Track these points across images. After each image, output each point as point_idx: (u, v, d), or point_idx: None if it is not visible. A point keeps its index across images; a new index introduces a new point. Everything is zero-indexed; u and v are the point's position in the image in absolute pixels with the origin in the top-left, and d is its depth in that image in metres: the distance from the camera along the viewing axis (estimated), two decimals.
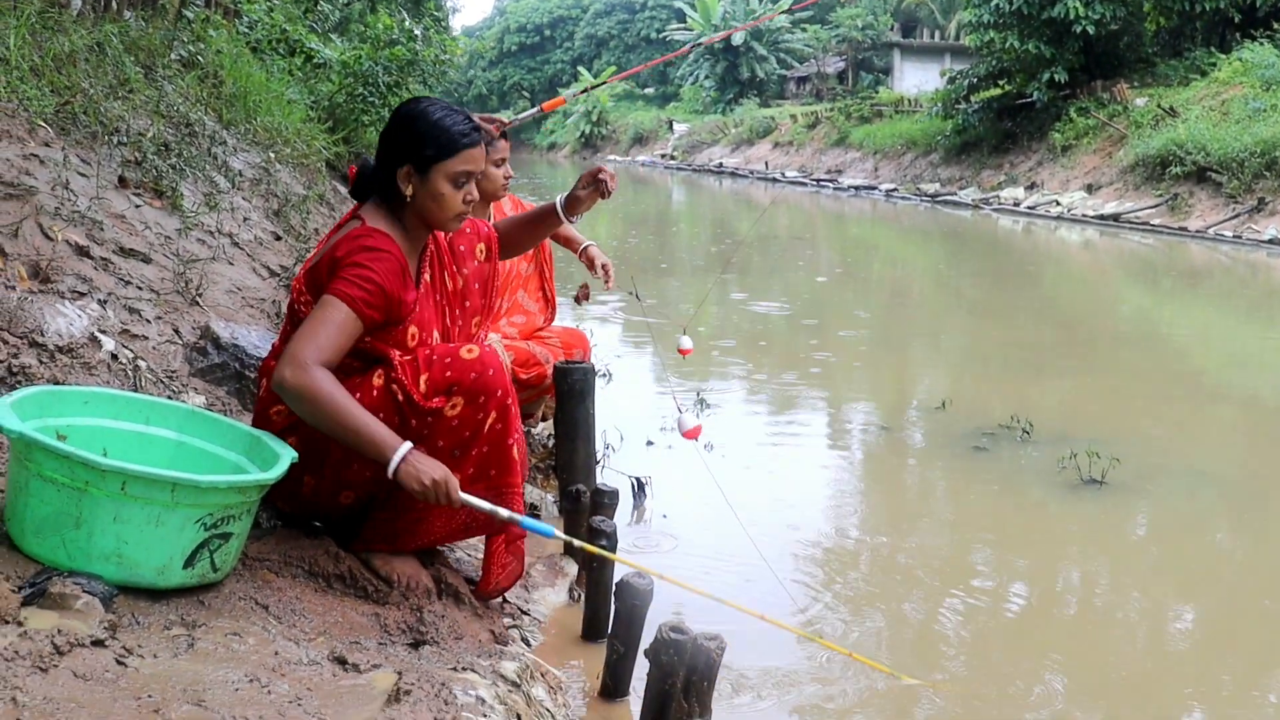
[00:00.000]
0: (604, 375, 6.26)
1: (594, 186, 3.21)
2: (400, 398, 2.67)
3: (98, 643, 2.10)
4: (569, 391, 3.84)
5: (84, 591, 2.22)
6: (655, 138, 49.46)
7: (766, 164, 35.61)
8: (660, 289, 11.26)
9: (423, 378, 2.68)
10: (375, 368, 2.75)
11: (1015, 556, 4.21)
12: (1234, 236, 17.16)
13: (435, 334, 2.89)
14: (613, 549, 3.04)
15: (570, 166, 47.84)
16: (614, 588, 2.76)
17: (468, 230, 3.08)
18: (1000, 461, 5.25)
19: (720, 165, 38.66)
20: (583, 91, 7.49)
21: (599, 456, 4.39)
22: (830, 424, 6.21)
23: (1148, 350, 9.02)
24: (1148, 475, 5.01)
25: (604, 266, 4.51)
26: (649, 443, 5.29)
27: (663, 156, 45.41)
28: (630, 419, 5.41)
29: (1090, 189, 21.54)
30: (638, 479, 4.50)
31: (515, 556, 3.00)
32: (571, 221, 3.29)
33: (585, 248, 4.59)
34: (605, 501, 3.31)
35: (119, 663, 2.07)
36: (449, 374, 2.67)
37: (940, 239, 19.37)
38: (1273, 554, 4.36)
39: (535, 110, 4.33)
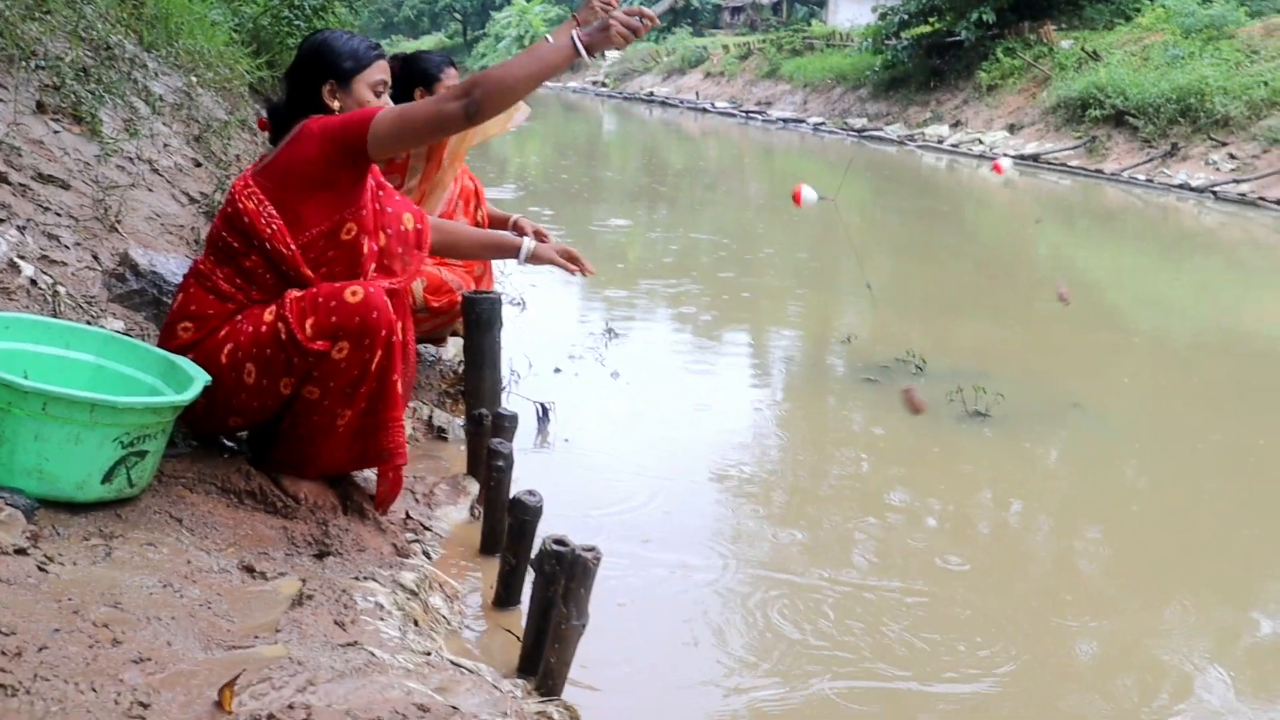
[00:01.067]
0: (518, 303, 6.44)
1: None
2: (284, 336, 2.82)
3: (20, 551, 2.27)
4: (476, 321, 4.01)
5: (6, 504, 2.39)
6: (587, 64, 49.13)
7: (697, 94, 35.57)
8: (590, 216, 11.40)
9: (308, 321, 2.82)
10: (270, 304, 2.91)
11: (899, 480, 4.48)
12: (1147, 180, 17.60)
13: (367, 244, 3.04)
14: (509, 470, 3.26)
15: None
16: (508, 504, 2.97)
17: (398, 197, 3.25)
18: (889, 394, 5.51)
19: (651, 94, 38.56)
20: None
21: (506, 383, 4.59)
22: (737, 355, 6.45)
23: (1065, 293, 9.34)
24: (1031, 409, 5.30)
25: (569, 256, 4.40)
26: (557, 370, 5.48)
27: (594, 83, 45.14)
28: (541, 346, 5.61)
29: (1012, 129, 21.90)
30: (542, 404, 4.70)
31: (398, 477, 3.18)
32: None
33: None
34: (505, 425, 3.52)
35: (41, 569, 2.24)
36: (334, 319, 2.81)
37: (866, 174, 19.64)
38: (1145, 482, 4.70)
39: None
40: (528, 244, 3.72)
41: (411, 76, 4.37)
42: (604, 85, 43.98)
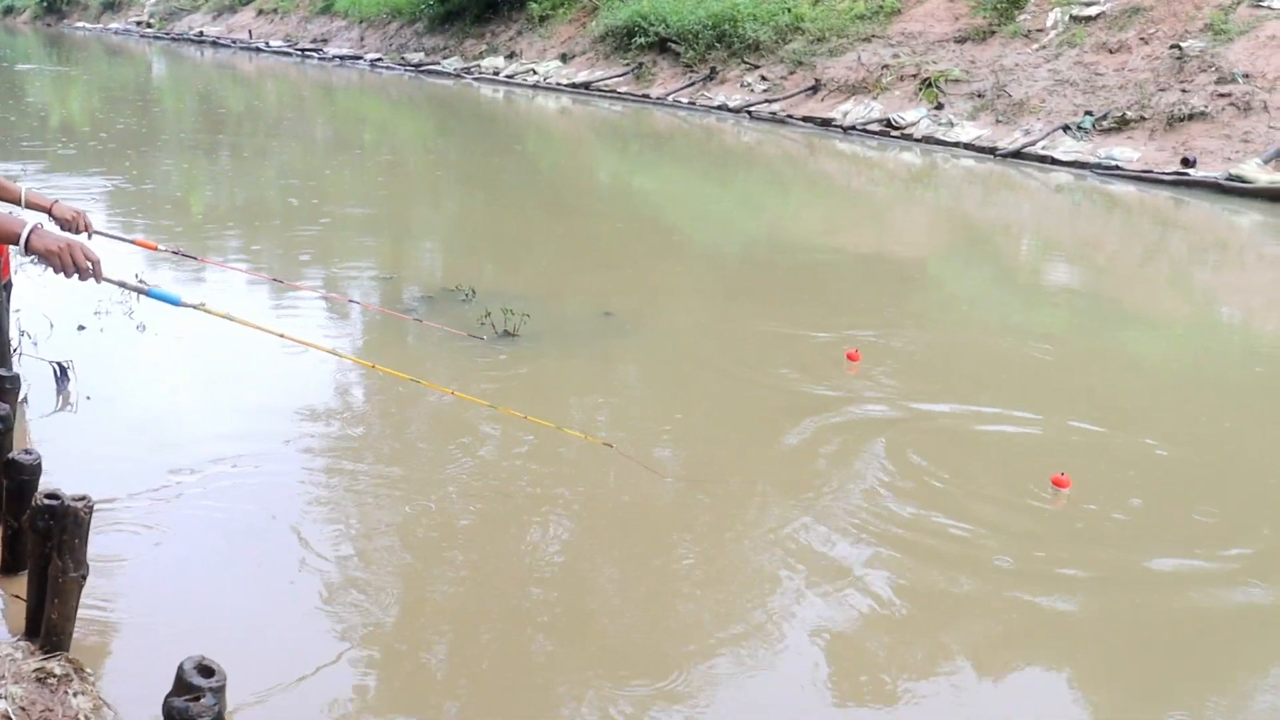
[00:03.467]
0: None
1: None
2: None
3: None
4: None
5: None
6: (129, 4, 45.77)
7: (250, 33, 34.13)
8: (148, 169, 10.74)
9: None
10: None
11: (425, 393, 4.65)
12: (690, 103, 18.70)
13: None
14: (7, 434, 3.14)
15: (33, 34, 43.47)
16: (3, 467, 2.87)
17: None
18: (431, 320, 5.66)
19: (201, 34, 36.62)
20: None
21: (16, 344, 4.36)
22: (280, 301, 6.31)
23: (620, 214, 9.84)
24: (554, 325, 5.63)
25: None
26: (80, 328, 5.23)
27: (139, 24, 42.23)
28: (65, 304, 5.32)
29: (565, 58, 22.52)
30: (60, 364, 4.46)
31: None
32: None
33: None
34: (7, 387, 3.38)
35: None
36: None
37: (428, 108, 19.69)
38: (652, 371, 5.13)
39: None
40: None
41: None
42: (149, 26, 41.25)
